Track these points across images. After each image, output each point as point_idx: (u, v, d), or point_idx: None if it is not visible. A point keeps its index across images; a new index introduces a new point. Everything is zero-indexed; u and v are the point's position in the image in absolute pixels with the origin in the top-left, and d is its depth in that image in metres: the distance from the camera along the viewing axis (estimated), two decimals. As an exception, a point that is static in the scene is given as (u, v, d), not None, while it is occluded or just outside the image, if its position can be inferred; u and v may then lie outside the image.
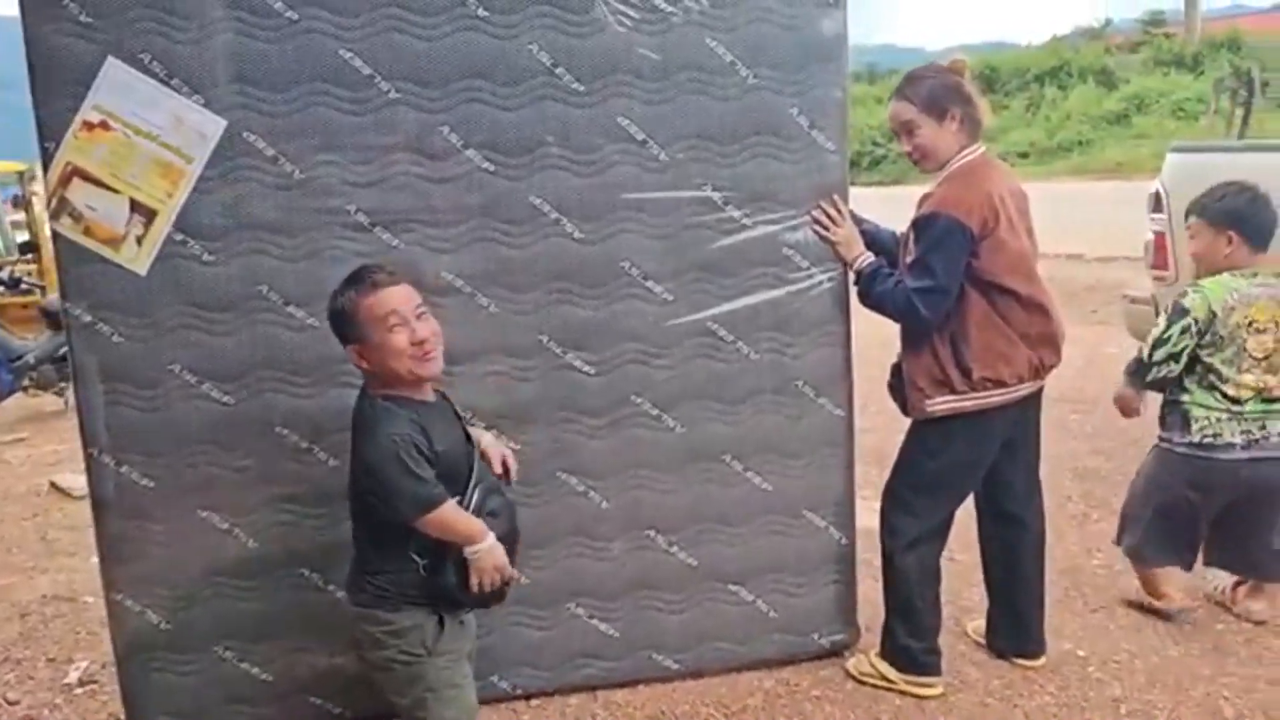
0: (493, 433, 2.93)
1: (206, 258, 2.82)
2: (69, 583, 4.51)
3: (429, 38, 2.83)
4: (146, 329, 2.82)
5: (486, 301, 2.99)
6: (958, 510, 3.27)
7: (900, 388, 3.20)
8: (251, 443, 2.92)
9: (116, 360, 2.82)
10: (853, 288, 3.20)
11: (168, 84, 2.73)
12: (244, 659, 3.04)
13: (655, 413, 3.15)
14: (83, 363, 2.82)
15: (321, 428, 2.91)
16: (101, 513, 2.91)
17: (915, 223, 3.04)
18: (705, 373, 3.17)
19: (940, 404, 3.07)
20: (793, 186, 3.12)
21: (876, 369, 3.38)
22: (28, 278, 10.17)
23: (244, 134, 2.78)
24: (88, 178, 2.74)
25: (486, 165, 2.92)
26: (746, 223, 3.11)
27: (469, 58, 2.86)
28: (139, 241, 2.78)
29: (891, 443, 3.35)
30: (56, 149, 2.72)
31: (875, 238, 3.26)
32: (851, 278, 3.18)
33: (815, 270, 3.18)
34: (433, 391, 2.52)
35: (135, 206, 2.77)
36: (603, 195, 3.01)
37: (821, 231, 3.14)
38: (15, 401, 7.90)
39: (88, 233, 2.76)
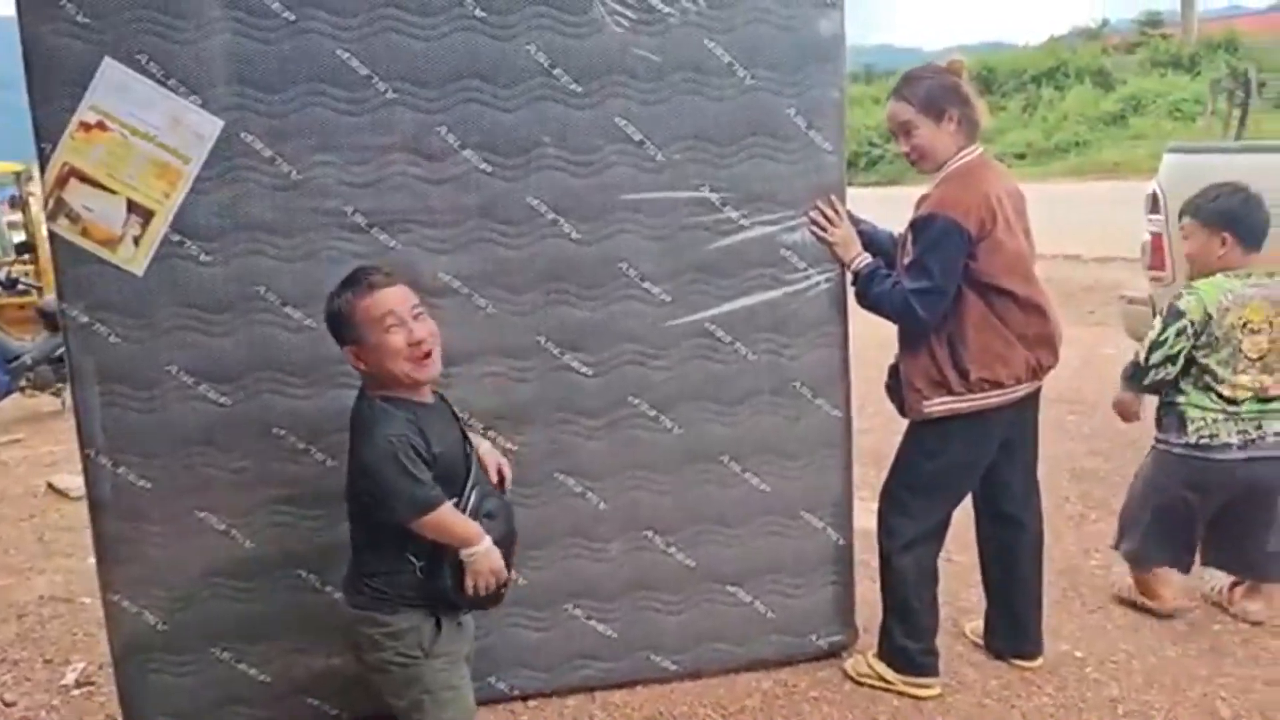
0: (489, 434, 2.93)
1: (204, 258, 2.82)
2: (66, 584, 4.50)
3: (426, 38, 2.82)
4: (143, 330, 2.82)
5: (484, 302, 2.98)
6: (955, 511, 3.27)
7: (898, 389, 3.20)
8: (249, 444, 2.91)
9: (113, 361, 2.82)
10: (850, 288, 3.20)
11: (165, 84, 2.72)
12: (241, 660, 3.03)
13: (653, 414, 3.15)
14: (80, 363, 2.82)
15: (319, 429, 2.91)
16: (98, 514, 2.91)
17: (913, 224, 3.04)
18: (703, 374, 3.17)
19: (938, 405, 3.08)
20: (790, 187, 3.12)
21: (874, 370, 3.38)
22: (25, 278, 10.17)
23: (241, 134, 2.78)
24: (85, 178, 2.73)
25: (484, 166, 2.92)
26: (744, 223, 3.11)
27: (466, 58, 2.86)
28: (136, 242, 2.78)
29: (889, 444, 3.35)
30: (53, 149, 2.71)
31: (873, 238, 3.26)
32: (849, 278, 3.18)
33: (813, 271, 3.18)
34: (430, 393, 2.52)
35: (132, 207, 2.76)
36: (600, 196, 3.00)
37: (819, 232, 3.14)
38: (12, 402, 7.89)
39: (85, 233, 2.76)
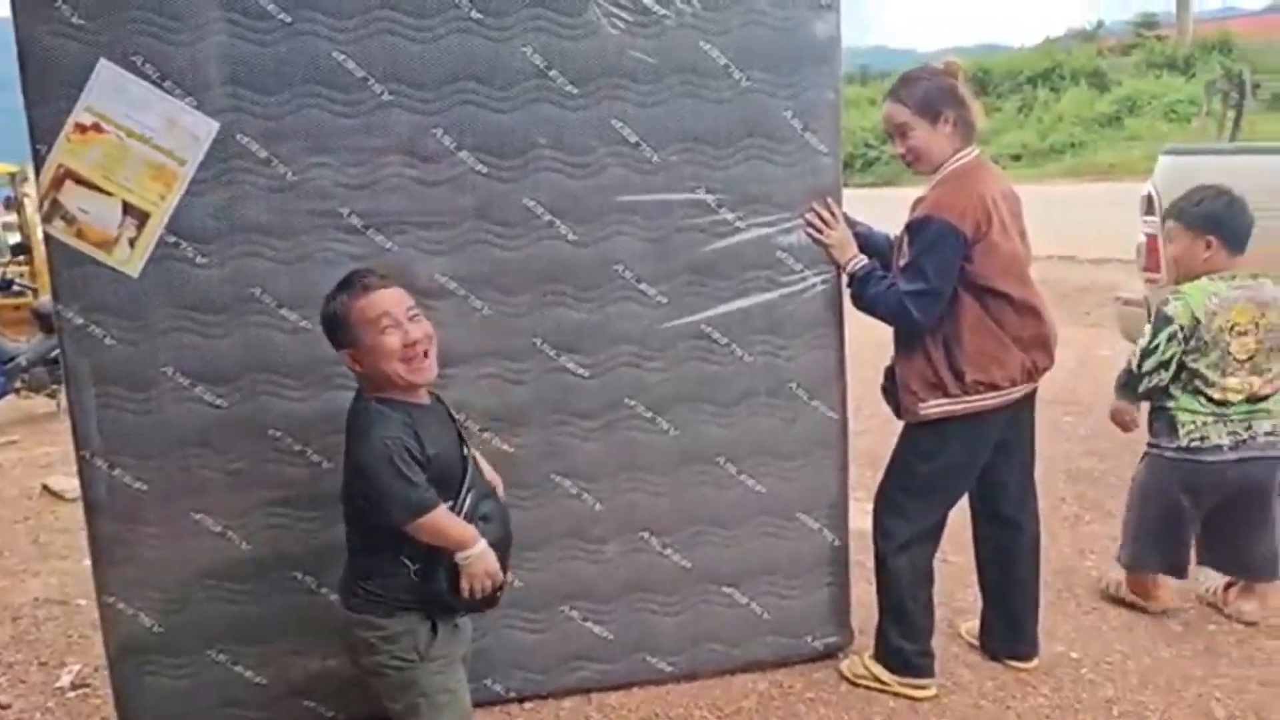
0: (486, 435, 2.93)
1: (199, 260, 2.81)
2: (61, 586, 4.49)
3: (422, 40, 2.82)
4: (139, 331, 2.81)
5: (480, 304, 2.98)
6: (951, 512, 3.27)
7: (893, 391, 3.21)
8: (244, 445, 2.91)
9: (109, 363, 2.81)
10: (846, 290, 3.20)
11: (160, 86, 2.72)
12: (237, 662, 3.03)
13: (649, 415, 3.15)
14: (75, 365, 2.82)
15: (314, 430, 2.91)
16: (94, 515, 2.90)
17: (909, 226, 3.05)
18: (699, 375, 3.17)
19: (933, 407, 3.08)
20: (786, 189, 3.12)
21: (870, 371, 3.38)
22: (20, 280, 10.16)
23: (237, 136, 2.78)
24: (80, 180, 2.73)
25: (480, 168, 2.92)
26: (740, 225, 3.11)
27: (462, 60, 2.85)
28: (131, 244, 2.77)
29: (885, 445, 3.36)
30: (49, 151, 2.71)
31: (868, 240, 3.26)
32: (845, 280, 3.19)
33: (808, 273, 3.18)
34: (427, 395, 2.52)
35: (128, 209, 2.76)
36: (596, 198, 3.00)
37: (815, 234, 3.15)
38: (7, 404, 7.87)
39: (80, 235, 2.76)
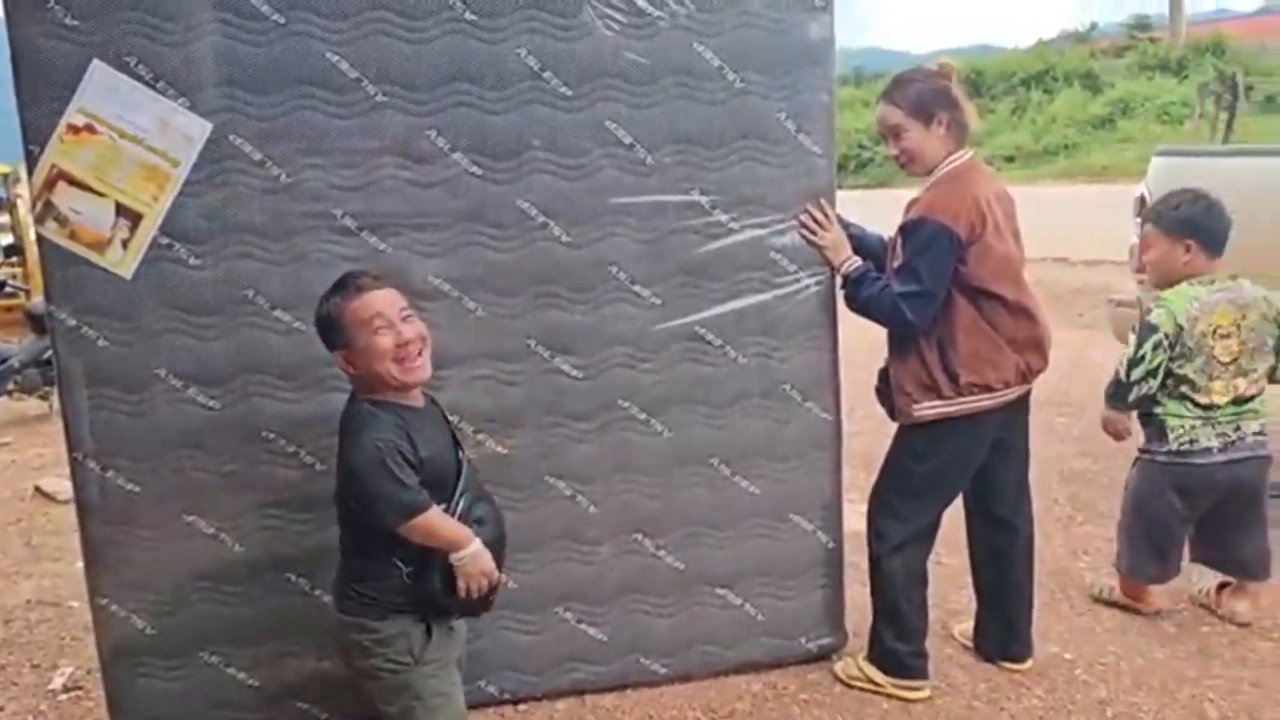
0: (480, 437, 2.93)
1: (193, 261, 2.81)
2: (54, 588, 4.48)
3: (416, 41, 2.82)
4: (132, 333, 2.81)
5: (474, 305, 2.98)
6: (945, 513, 3.27)
7: (888, 393, 3.21)
8: (238, 447, 2.90)
9: (101, 364, 2.80)
10: (840, 292, 3.21)
11: (153, 87, 2.71)
12: (230, 664, 3.02)
13: (643, 417, 3.15)
14: (68, 367, 2.81)
15: (308, 432, 2.90)
16: (86, 517, 2.89)
17: (902, 227, 3.05)
18: (692, 376, 3.17)
19: (927, 409, 3.08)
20: (780, 190, 3.12)
21: (864, 373, 3.38)
22: (12, 281, 10.15)
23: (230, 137, 2.77)
24: (73, 181, 2.72)
25: (474, 169, 2.92)
26: (734, 227, 3.11)
27: (456, 61, 2.85)
28: (124, 245, 2.77)
29: (879, 446, 3.36)
30: (41, 152, 2.70)
31: (862, 242, 3.26)
32: (839, 282, 3.19)
33: (802, 274, 3.18)
34: (421, 396, 2.52)
35: (121, 210, 2.75)
36: (590, 199, 3.00)
37: (809, 235, 3.15)
38: (0, 405, 7.84)
39: (73, 236, 2.75)
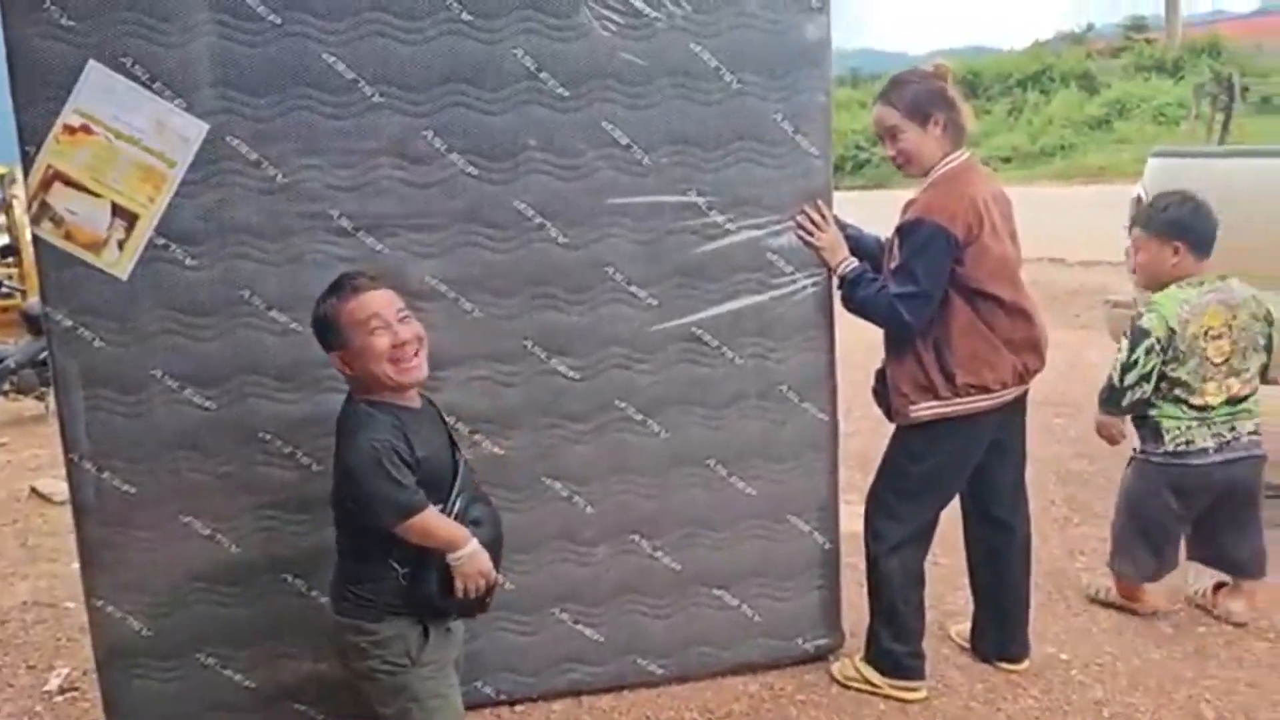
0: (476, 438, 2.93)
1: (189, 262, 2.80)
2: (50, 589, 4.47)
3: (412, 42, 2.82)
4: (128, 334, 2.80)
5: (470, 306, 2.98)
6: (942, 514, 3.28)
7: (884, 393, 3.21)
8: (234, 448, 2.90)
9: (98, 365, 2.80)
10: (836, 293, 3.21)
11: (149, 88, 2.71)
12: (226, 665, 3.02)
13: (639, 418, 3.15)
14: (64, 368, 2.80)
15: (304, 433, 2.90)
16: (82, 518, 2.89)
17: (899, 228, 3.05)
18: (689, 377, 3.17)
19: (924, 409, 3.08)
20: (777, 191, 3.12)
21: (860, 374, 3.39)
22: (8, 281, 10.13)
23: (226, 138, 2.77)
24: (69, 182, 2.72)
25: (470, 170, 2.92)
26: (730, 228, 3.11)
27: (452, 62, 2.85)
28: (120, 246, 2.76)
29: (875, 447, 3.36)
30: (37, 152, 2.70)
31: (859, 242, 3.26)
32: (835, 283, 3.19)
33: (799, 275, 3.18)
34: (418, 397, 2.52)
35: (117, 211, 2.75)
36: (587, 200, 3.00)
37: (805, 236, 3.15)
38: (-5, 406, 7.84)
39: (69, 237, 2.75)
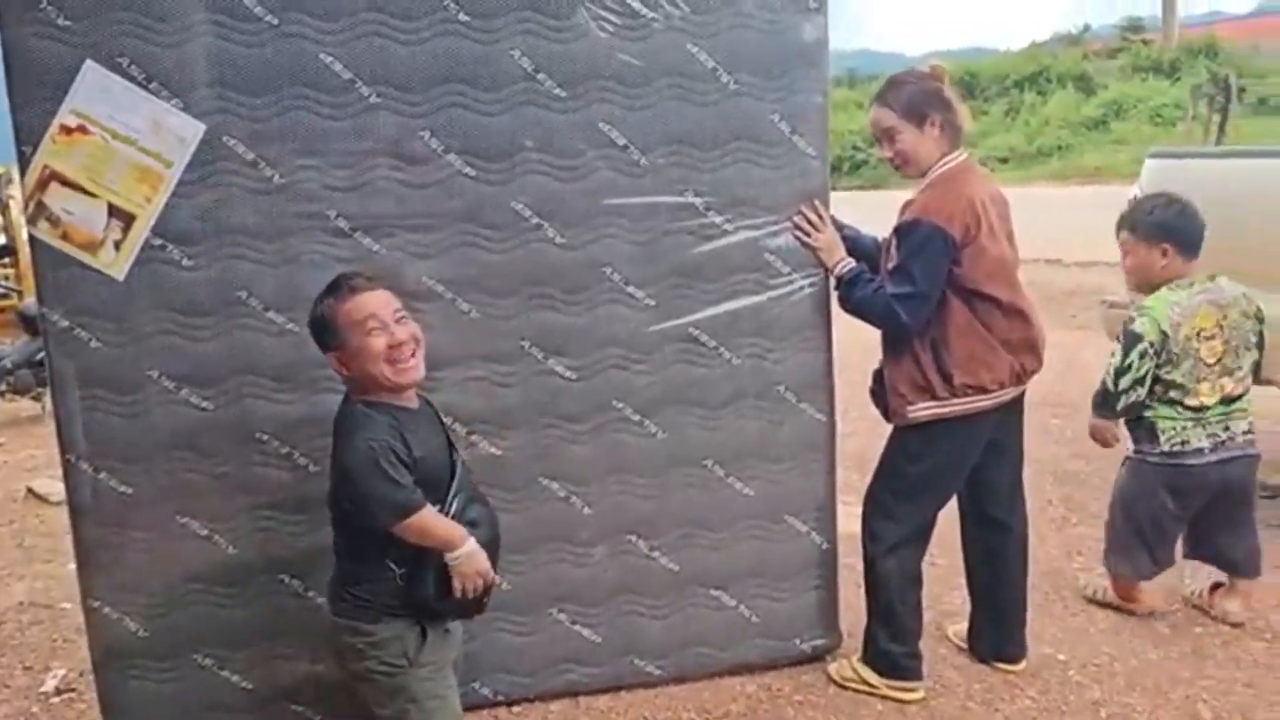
0: (473, 439, 2.92)
1: (185, 263, 2.80)
2: (46, 589, 4.47)
3: (409, 42, 2.82)
4: (124, 334, 2.80)
5: (467, 307, 2.98)
6: (939, 514, 3.28)
7: (882, 394, 3.21)
8: (231, 449, 2.90)
9: (94, 366, 2.80)
10: (834, 293, 3.21)
11: (146, 88, 2.71)
12: (223, 666, 3.01)
13: (637, 418, 3.15)
14: (60, 368, 2.80)
15: (301, 434, 2.90)
16: (79, 519, 2.88)
17: (897, 229, 3.05)
18: (686, 378, 3.17)
19: (922, 410, 3.08)
20: (774, 192, 3.12)
21: (858, 374, 3.38)
22: (4, 282, 10.12)
23: (223, 138, 2.77)
24: (66, 182, 2.72)
25: (467, 170, 2.91)
26: (728, 228, 3.11)
27: (450, 63, 2.85)
28: (117, 246, 2.76)
29: (873, 448, 3.36)
30: (34, 153, 2.69)
31: (856, 243, 3.27)
32: (832, 283, 3.19)
33: (796, 275, 3.18)
34: (415, 397, 2.51)
35: (113, 211, 2.75)
36: (584, 200, 3.00)
37: (803, 237, 3.15)
38: (-8, 406, 7.82)
39: (65, 237, 2.74)
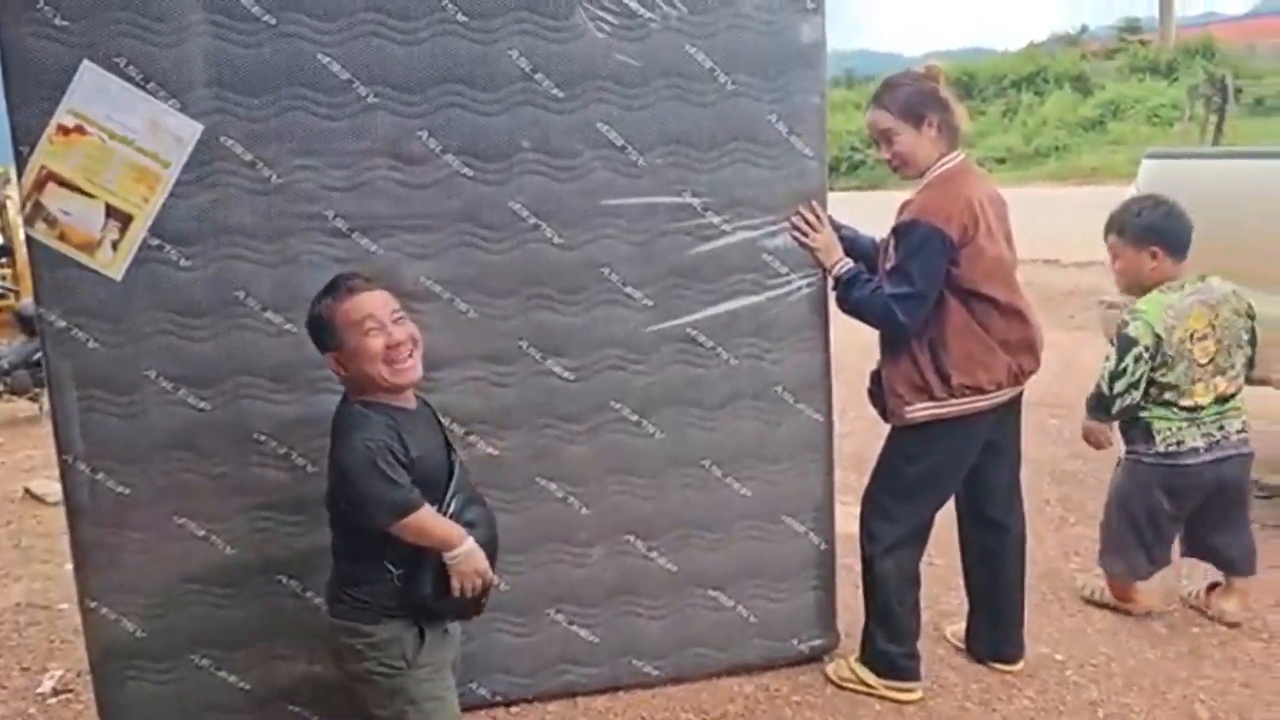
0: (471, 439, 2.92)
1: (183, 263, 2.80)
2: (43, 590, 4.46)
3: (407, 43, 2.82)
4: (122, 335, 2.80)
5: (465, 307, 2.98)
6: (937, 515, 3.28)
7: (880, 394, 3.21)
8: (228, 449, 2.89)
9: (91, 366, 2.79)
10: (831, 293, 3.21)
11: (143, 88, 2.70)
12: (221, 667, 3.01)
13: (635, 418, 3.15)
14: (57, 368, 2.80)
15: (298, 434, 2.89)
16: (76, 519, 2.88)
17: (895, 229, 3.05)
18: (684, 378, 3.17)
19: (920, 410, 3.08)
20: (772, 192, 3.13)
21: (855, 374, 3.39)
22: (2, 282, 10.08)
23: (221, 138, 2.77)
24: (63, 182, 2.71)
25: (465, 170, 2.91)
26: (725, 228, 3.11)
27: (448, 63, 2.85)
28: (114, 247, 2.76)
29: (871, 448, 3.36)
30: (31, 153, 2.69)
31: (854, 243, 3.27)
32: (830, 284, 3.19)
33: (794, 276, 3.19)
34: (413, 398, 2.51)
35: (111, 211, 2.74)
36: (582, 201, 3.00)
37: (800, 237, 3.15)
38: (-11, 407, 7.82)
39: (63, 238, 2.74)
